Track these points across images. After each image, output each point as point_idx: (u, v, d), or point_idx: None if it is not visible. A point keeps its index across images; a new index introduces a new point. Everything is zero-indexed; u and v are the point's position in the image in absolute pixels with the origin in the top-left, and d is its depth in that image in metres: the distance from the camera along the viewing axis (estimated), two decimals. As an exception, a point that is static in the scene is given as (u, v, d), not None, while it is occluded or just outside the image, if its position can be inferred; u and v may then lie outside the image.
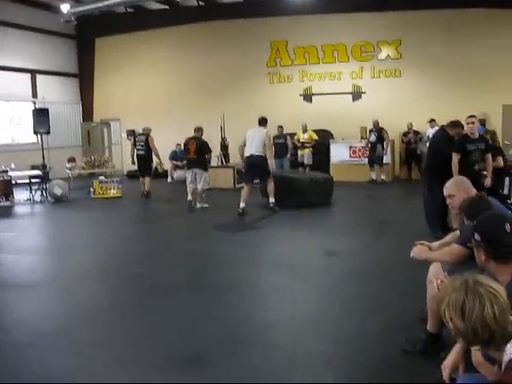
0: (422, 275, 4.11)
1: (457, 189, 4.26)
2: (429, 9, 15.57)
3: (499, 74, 15.01)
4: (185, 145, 11.86)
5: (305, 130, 15.70)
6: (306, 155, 15.61)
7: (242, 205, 10.36)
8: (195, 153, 11.35)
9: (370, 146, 15.04)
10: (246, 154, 10.43)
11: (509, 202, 8.85)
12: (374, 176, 15.11)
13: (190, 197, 11.45)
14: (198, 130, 11.68)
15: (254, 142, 10.31)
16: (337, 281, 6.16)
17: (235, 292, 5.79)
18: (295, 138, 15.65)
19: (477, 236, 2.72)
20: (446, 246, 4.05)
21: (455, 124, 7.91)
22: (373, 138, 14.95)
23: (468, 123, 7.61)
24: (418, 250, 4.05)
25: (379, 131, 14.93)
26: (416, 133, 15.22)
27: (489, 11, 14.90)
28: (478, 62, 15.19)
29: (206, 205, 11.66)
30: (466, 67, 15.37)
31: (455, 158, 7.34)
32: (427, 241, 4.27)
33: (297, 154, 15.65)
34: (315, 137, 15.78)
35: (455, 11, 15.25)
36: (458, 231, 4.21)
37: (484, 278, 2.15)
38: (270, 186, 10.67)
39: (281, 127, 15.21)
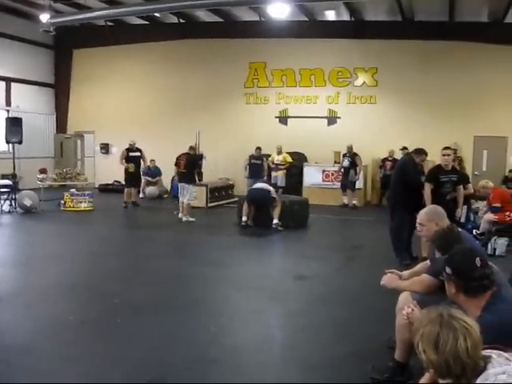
0: (391, 303, 4.16)
1: (428, 219, 4.32)
2: (405, 39, 15.92)
3: (472, 105, 15.43)
4: (176, 159, 12.57)
5: (279, 152, 15.79)
6: (279, 177, 15.66)
7: (244, 218, 11.09)
8: (185, 167, 12.15)
9: (343, 170, 15.18)
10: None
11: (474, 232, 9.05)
12: (345, 200, 15.23)
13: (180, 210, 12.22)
14: (191, 148, 12.90)
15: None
16: (306, 305, 6.17)
17: (204, 313, 5.76)
18: (269, 159, 15.72)
19: (448, 269, 2.77)
20: (415, 276, 4.10)
21: (420, 151, 8.12)
22: (346, 162, 15.10)
23: (444, 155, 7.75)
24: (388, 279, 4.09)
25: (352, 156, 15.09)
26: (394, 160, 15.35)
27: (463, 44, 15.32)
28: (451, 92, 15.57)
29: (192, 219, 12.04)
30: (440, 97, 15.71)
31: (427, 188, 7.47)
32: (397, 269, 4.32)
33: (270, 176, 15.68)
34: (289, 159, 15.88)
35: (431, 42, 15.62)
36: (428, 261, 4.28)
37: (458, 312, 2.18)
38: (278, 208, 11.12)
39: (259, 148, 15.20)
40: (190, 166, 12.27)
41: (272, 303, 6.18)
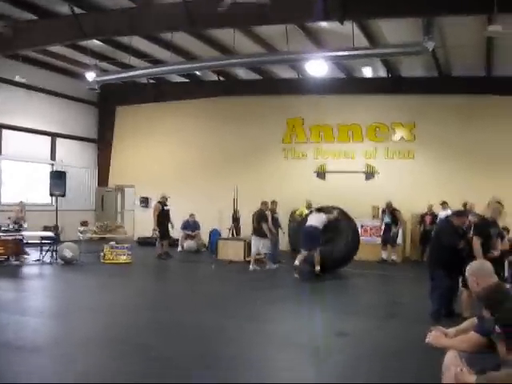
0: (435, 361, 4.01)
1: (469, 273, 4.21)
2: (442, 94, 15.98)
3: (512, 158, 15.23)
4: (252, 216, 13.67)
5: (309, 206, 15.78)
6: None
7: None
8: (255, 223, 13.25)
9: (384, 226, 15.08)
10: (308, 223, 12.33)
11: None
12: (384, 256, 15.05)
13: (252, 262, 13.20)
14: (262, 203, 13.55)
15: (313, 219, 12.33)
16: (347, 363, 6.00)
17: (242, 369, 5.66)
18: (297, 213, 15.55)
19: (498, 329, 2.68)
20: (462, 333, 3.97)
21: (461, 213, 7.99)
22: (386, 219, 15.10)
23: (494, 207, 7.65)
24: (434, 337, 3.97)
25: (392, 212, 15.01)
26: (433, 215, 15.16)
27: (502, 99, 15.27)
28: (490, 146, 15.46)
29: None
30: (479, 151, 15.60)
31: (477, 241, 7.28)
32: (442, 326, 4.20)
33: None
34: None
35: (469, 97, 15.64)
36: (475, 318, 4.14)
37: None
38: (317, 256, 11.96)
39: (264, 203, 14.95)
40: (259, 220, 13.17)
41: (312, 360, 6.04)
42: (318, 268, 11.90)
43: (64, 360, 5.86)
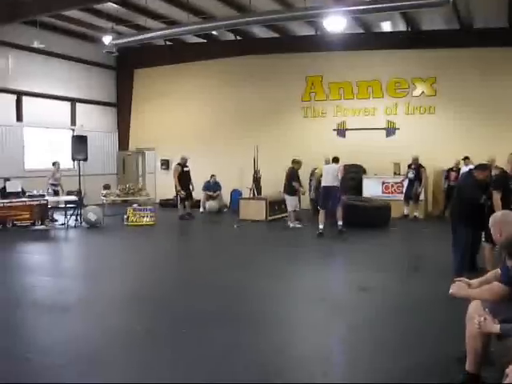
0: (459, 312, 4.05)
1: (492, 223, 4.22)
2: (464, 47, 15.62)
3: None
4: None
5: (328, 163, 15.67)
6: None
7: (320, 226, 11.94)
8: (286, 179, 13.29)
9: (407, 181, 14.99)
10: (323, 184, 12.33)
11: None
12: (406, 211, 14.99)
13: (292, 219, 13.33)
14: (293, 161, 13.50)
15: (329, 176, 12.20)
16: (372, 315, 6.08)
17: (268, 324, 5.78)
18: (317, 171, 15.37)
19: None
20: (485, 284, 3.99)
21: (483, 167, 7.83)
22: (411, 174, 14.92)
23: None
24: (457, 287, 4.00)
25: (418, 168, 14.89)
26: (459, 171, 14.92)
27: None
28: (512, 99, 15.15)
29: (299, 225, 13.18)
30: (501, 105, 15.30)
31: (496, 195, 7.23)
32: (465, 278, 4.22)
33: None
34: None
35: (490, 50, 15.24)
36: (499, 269, 4.15)
37: None
38: (340, 212, 12.07)
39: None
40: (289, 178, 13.20)
41: (336, 314, 6.14)
42: (340, 223, 12.02)
43: (93, 317, 6.05)
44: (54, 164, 15.21)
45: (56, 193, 14.61)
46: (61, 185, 14.94)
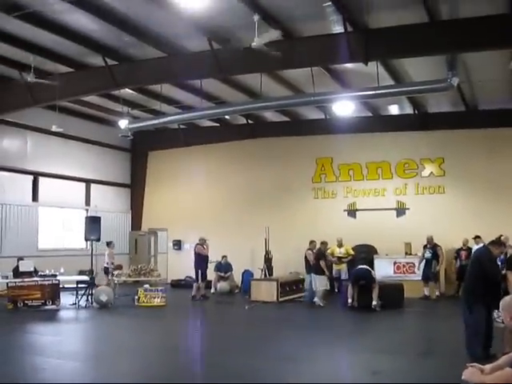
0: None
1: (502, 308, 4.20)
2: (470, 128, 16.00)
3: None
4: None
5: (340, 245, 15.80)
6: (343, 270, 15.68)
7: (349, 300, 12.81)
8: (314, 259, 13.89)
9: (424, 261, 14.95)
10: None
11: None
12: (427, 292, 14.84)
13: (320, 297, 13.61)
14: (321, 243, 14.25)
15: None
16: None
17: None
18: (328, 252, 15.32)
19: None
20: (498, 369, 3.93)
21: (499, 243, 7.81)
22: (428, 254, 14.91)
23: None
24: (470, 373, 3.93)
25: (433, 247, 14.90)
26: (469, 249, 14.91)
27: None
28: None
29: (322, 304, 13.43)
30: (509, 184, 15.46)
31: (510, 275, 7.18)
32: (478, 362, 4.16)
33: (332, 269, 15.46)
34: (351, 251, 15.94)
35: (496, 130, 15.64)
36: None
37: None
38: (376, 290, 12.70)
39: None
40: (318, 258, 13.75)
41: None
42: (374, 303, 12.53)
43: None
44: (108, 244, 15.39)
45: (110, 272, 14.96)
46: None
